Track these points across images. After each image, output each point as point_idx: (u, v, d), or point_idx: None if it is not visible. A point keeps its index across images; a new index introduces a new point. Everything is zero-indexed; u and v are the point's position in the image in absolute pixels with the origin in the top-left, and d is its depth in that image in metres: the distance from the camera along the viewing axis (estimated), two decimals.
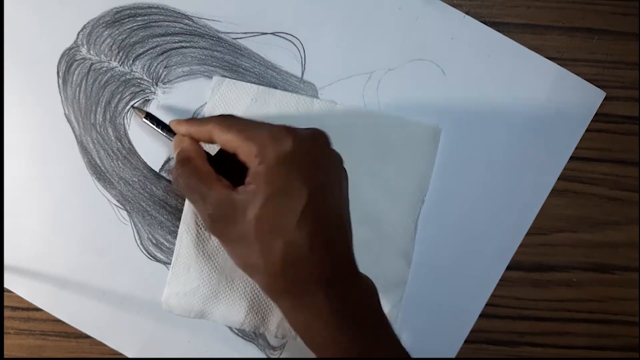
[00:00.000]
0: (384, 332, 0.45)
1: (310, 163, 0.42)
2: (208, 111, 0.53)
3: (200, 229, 0.52)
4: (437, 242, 0.54)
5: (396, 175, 0.53)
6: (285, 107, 0.53)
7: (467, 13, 0.54)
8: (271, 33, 0.54)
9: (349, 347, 0.43)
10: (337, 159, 0.45)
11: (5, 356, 0.54)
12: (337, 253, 0.43)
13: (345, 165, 0.46)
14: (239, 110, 0.53)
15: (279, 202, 0.41)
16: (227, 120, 0.45)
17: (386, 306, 0.47)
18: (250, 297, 0.52)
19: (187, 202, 0.52)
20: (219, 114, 0.52)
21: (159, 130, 0.51)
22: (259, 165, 0.42)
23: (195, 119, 0.48)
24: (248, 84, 0.53)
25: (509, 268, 0.54)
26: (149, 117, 0.52)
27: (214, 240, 0.52)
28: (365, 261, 0.47)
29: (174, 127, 0.48)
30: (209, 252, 0.52)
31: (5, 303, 0.53)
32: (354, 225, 0.46)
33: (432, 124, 0.53)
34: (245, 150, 0.42)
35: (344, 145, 0.52)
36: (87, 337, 0.53)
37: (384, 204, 0.53)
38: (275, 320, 0.52)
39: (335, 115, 0.53)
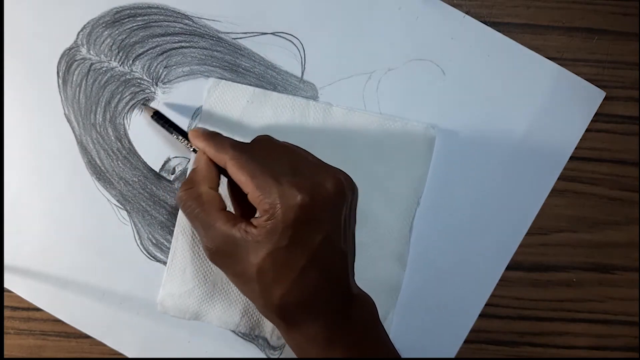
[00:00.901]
0: (381, 349, 0.46)
1: (318, 219, 0.42)
2: (205, 113, 0.53)
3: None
4: (437, 242, 0.54)
5: (391, 177, 0.53)
6: (281, 109, 0.53)
7: (467, 13, 0.54)
8: (271, 33, 0.54)
9: None
10: (351, 200, 0.45)
11: (5, 356, 0.54)
12: (334, 284, 0.44)
13: (342, 164, 0.47)
14: (235, 112, 0.53)
15: (282, 258, 0.42)
16: (243, 160, 0.44)
17: (381, 310, 0.47)
18: (246, 299, 0.52)
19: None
20: (217, 117, 0.53)
21: (168, 131, 0.51)
22: (266, 221, 0.42)
23: (214, 137, 0.47)
24: (244, 85, 0.53)
25: (509, 268, 0.54)
26: (157, 115, 0.52)
27: None
28: (360, 264, 0.47)
29: (191, 138, 0.48)
30: (204, 254, 0.52)
31: (5, 303, 0.53)
32: None
33: (427, 126, 0.53)
34: (254, 198, 0.43)
35: (339, 147, 0.53)
36: (87, 337, 0.53)
37: (379, 206, 0.53)
38: (271, 323, 0.52)
39: (330, 117, 0.53)
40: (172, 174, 0.53)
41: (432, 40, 0.54)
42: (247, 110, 0.53)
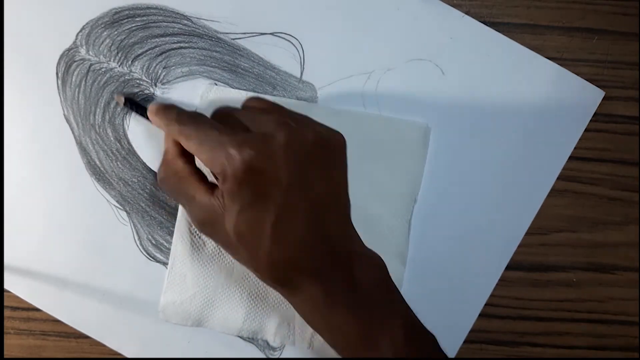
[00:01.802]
0: (390, 310, 0.44)
1: (272, 171, 0.41)
2: None
3: (194, 236, 0.52)
4: (436, 243, 0.54)
5: (387, 175, 0.53)
6: None
7: (466, 13, 0.54)
8: (270, 33, 0.54)
9: (347, 331, 0.43)
10: (308, 146, 0.43)
11: (5, 356, 0.54)
12: (328, 240, 0.43)
13: None
14: None
15: (252, 217, 0.42)
16: (189, 127, 0.44)
17: None
18: (248, 303, 0.52)
19: (179, 210, 0.52)
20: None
21: (141, 116, 0.50)
22: (222, 185, 0.42)
23: (162, 112, 0.46)
24: (237, 90, 0.53)
25: (508, 268, 0.54)
26: (130, 102, 0.51)
27: (209, 248, 0.52)
28: None
29: (150, 116, 0.48)
30: (204, 259, 0.52)
31: (5, 303, 0.53)
32: None
33: (421, 123, 0.53)
34: (208, 164, 0.43)
35: None
36: (87, 337, 0.53)
37: (376, 205, 0.53)
38: (273, 326, 0.52)
39: (323, 117, 0.53)
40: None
41: (431, 40, 0.54)
42: None
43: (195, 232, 0.52)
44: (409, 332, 0.43)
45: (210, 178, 0.47)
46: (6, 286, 0.53)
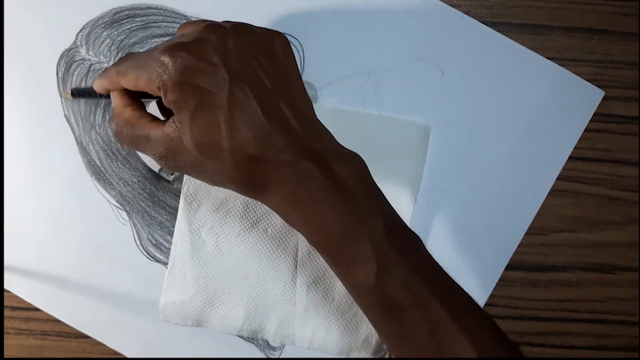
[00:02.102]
0: (371, 207, 0.42)
1: (212, 64, 0.41)
2: None
3: (195, 236, 0.52)
4: (437, 242, 0.54)
5: (387, 175, 0.53)
6: None
7: (466, 13, 0.54)
8: None
9: (327, 228, 0.41)
10: (245, 41, 0.43)
11: (5, 356, 0.54)
12: (292, 132, 0.42)
13: None
14: None
15: (202, 119, 0.41)
16: (122, 63, 0.44)
17: None
18: (247, 303, 0.52)
19: (179, 210, 0.53)
20: None
21: (93, 96, 0.50)
22: (165, 98, 0.41)
23: (104, 72, 0.47)
24: None
25: (508, 268, 0.54)
26: (77, 92, 0.50)
27: (209, 248, 0.52)
28: None
29: (96, 87, 0.47)
30: (204, 259, 0.52)
31: (5, 303, 0.53)
32: None
33: (421, 123, 0.53)
34: (147, 86, 0.42)
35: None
36: (87, 337, 0.54)
37: None
38: (273, 326, 0.52)
39: (323, 116, 0.53)
40: (171, 175, 0.53)
41: (431, 40, 0.54)
42: None
43: (195, 231, 0.52)
44: (390, 229, 0.42)
45: None
46: (7, 286, 0.53)
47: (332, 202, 0.41)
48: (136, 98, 0.46)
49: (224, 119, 0.40)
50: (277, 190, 0.42)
